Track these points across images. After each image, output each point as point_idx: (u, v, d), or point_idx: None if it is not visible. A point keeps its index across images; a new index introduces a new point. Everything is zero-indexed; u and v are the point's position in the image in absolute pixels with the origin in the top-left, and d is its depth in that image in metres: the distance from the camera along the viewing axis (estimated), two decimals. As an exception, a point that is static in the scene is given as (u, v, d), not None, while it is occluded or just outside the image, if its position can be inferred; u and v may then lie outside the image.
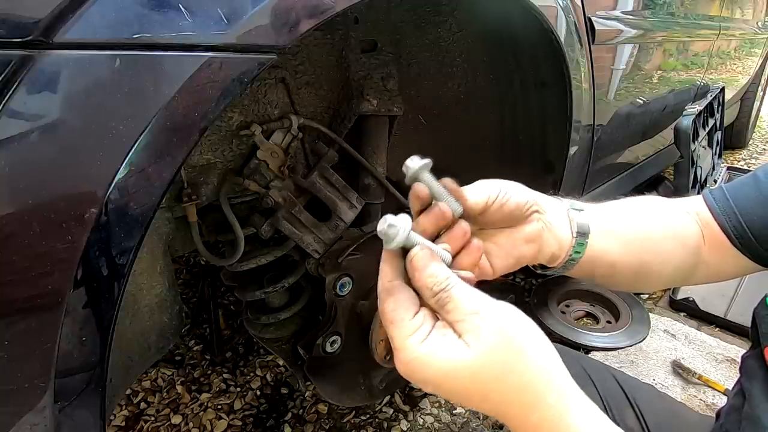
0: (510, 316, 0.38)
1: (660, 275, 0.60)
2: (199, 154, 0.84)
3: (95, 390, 0.47)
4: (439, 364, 0.36)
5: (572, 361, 0.86)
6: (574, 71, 1.02)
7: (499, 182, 0.48)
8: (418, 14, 1.03)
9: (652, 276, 0.59)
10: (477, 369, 0.36)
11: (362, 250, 1.03)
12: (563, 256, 0.53)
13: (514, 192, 0.48)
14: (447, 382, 0.37)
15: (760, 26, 2.88)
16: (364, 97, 1.00)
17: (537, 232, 0.50)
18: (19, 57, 0.37)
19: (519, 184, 0.51)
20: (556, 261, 0.54)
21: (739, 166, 3.32)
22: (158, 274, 0.77)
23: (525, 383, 0.37)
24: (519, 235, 0.50)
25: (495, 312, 0.37)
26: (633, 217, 0.59)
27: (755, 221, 0.57)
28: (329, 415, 1.41)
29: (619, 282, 0.59)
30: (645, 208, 0.61)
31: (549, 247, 0.52)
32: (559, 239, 0.52)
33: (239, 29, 0.48)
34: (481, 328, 0.36)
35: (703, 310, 1.76)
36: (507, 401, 0.37)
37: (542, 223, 0.51)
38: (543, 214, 0.51)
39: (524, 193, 0.50)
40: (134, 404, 1.45)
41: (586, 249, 0.53)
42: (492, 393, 0.37)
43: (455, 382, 0.37)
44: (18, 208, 0.38)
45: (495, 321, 0.37)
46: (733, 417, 0.60)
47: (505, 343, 0.37)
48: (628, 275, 0.58)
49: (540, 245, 0.51)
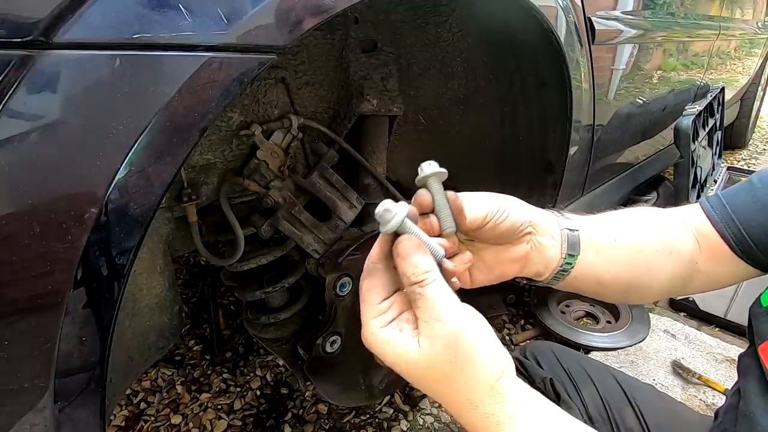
0: (468, 330, 0.39)
1: (652, 289, 0.60)
2: (199, 154, 0.84)
3: (95, 390, 0.47)
4: (391, 351, 0.40)
5: (572, 361, 0.86)
6: (574, 71, 1.02)
7: (501, 199, 0.49)
8: (418, 14, 1.03)
9: (644, 290, 0.60)
10: (421, 369, 0.39)
11: (362, 250, 1.03)
12: (548, 274, 0.54)
13: (513, 210, 0.49)
14: (396, 366, 0.40)
15: (760, 26, 2.88)
16: (364, 97, 1.00)
17: (524, 253, 0.51)
18: (19, 57, 0.37)
19: (520, 201, 0.51)
20: (541, 277, 0.55)
21: (739, 166, 3.32)
22: (158, 274, 0.77)
23: (462, 393, 0.39)
24: (505, 254, 0.51)
25: (455, 323, 0.38)
26: (625, 232, 0.59)
27: (754, 227, 0.57)
28: (329, 415, 1.41)
29: (609, 296, 0.60)
30: (638, 221, 0.61)
31: (534, 267, 0.53)
32: (546, 260, 0.53)
33: (239, 29, 0.48)
34: (436, 337, 0.38)
35: (703, 310, 1.76)
36: (447, 401, 0.41)
37: (532, 244, 0.52)
38: (535, 235, 0.52)
39: (522, 212, 0.50)
40: (134, 404, 1.45)
41: (573, 268, 0.54)
42: (433, 392, 0.41)
43: (402, 368, 0.40)
44: (18, 208, 0.38)
45: (451, 333, 0.38)
46: (731, 415, 0.60)
47: (453, 358, 0.38)
48: (617, 290, 0.59)
49: (524, 265, 0.52)
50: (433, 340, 0.38)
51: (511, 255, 0.51)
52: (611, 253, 0.56)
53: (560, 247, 0.53)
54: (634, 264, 0.58)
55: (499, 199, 0.49)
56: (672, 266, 0.59)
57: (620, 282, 0.58)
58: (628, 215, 0.62)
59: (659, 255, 0.59)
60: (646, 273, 0.58)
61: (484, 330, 0.40)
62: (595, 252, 0.55)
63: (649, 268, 0.58)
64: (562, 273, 0.54)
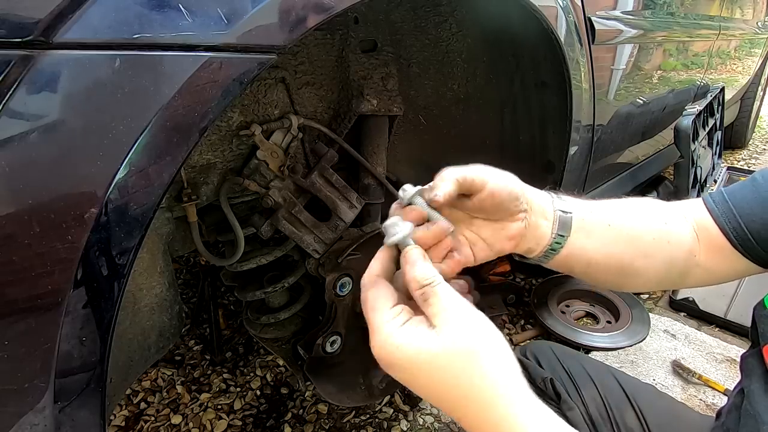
0: (479, 325, 0.41)
1: (647, 276, 0.61)
2: (199, 154, 0.84)
3: (95, 390, 0.47)
4: (410, 348, 0.40)
5: (572, 361, 0.86)
6: (574, 71, 1.02)
7: (482, 169, 0.51)
8: (418, 14, 1.03)
9: (638, 276, 0.60)
10: (443, 360, 0.39)
11: (362, 250, 1.03)
12: (539, 251, 0.56)
13: (501, 179, 0.51)
14: (414, 367, 0.40)
15: (760, 26, 2.88)
16: (364, 97, 1.00)
17: (519, 230, 0.53)
18: (19, 57, 0.37)
19: (515, 177, 0.53)
20: (533, 254, 0.57)
21: (739, 166, 3.32)
22: (158, 274, 0.77)
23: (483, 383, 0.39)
24: (503, 232, 0.53)
25: (468, 316, 0.41)
26: (621, 218, 0.60)
27: (755, 223, 0.57)
28: (329, 415, 1.41)
29: (600, 280, 0.61)
30: (637, 209, 0.62)
31: (527, 243, 0.55)
32: (537, 238, 0.55)
33: (239, 29, 0.48)
34: (453, 324, 0.40)
35: (703, 310, 1.76)
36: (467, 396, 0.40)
37: (526, 222, 0.53)
38: (530, 213, 0.54)
39: (515, 183, 0.52)
40: (134, 404, 1.45)
41: (563, 248, 0.56)
42: (453, 388, 0.40)
43: (421, 368, 0.40)
44: (18, 208, 0.38)
45: (466, 322, 0.40)
46: (734, 415, 0.60)
47: (471, 346, 0.40)
48: (609, 274, 0.60)
49: (519, 241, 0.55)
50: (451, 327, 0.40)
51: (508, 232, 0.53)
52: (604, 236, 0.58)
53: (552, 226, 0.55)
54: (628, 249, 0.58)
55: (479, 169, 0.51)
56: (669, 255, 0.60)
57: (612, 264, 0.58)
58: (627, 203, 0.63)
59: (656, 243, 0.59)
60: (641, 259, 0.59)
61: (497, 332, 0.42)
62: (587, 234, 0.57)
63: (645, 254, 0.59)
64: (551, 251, 0.56)
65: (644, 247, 0.59)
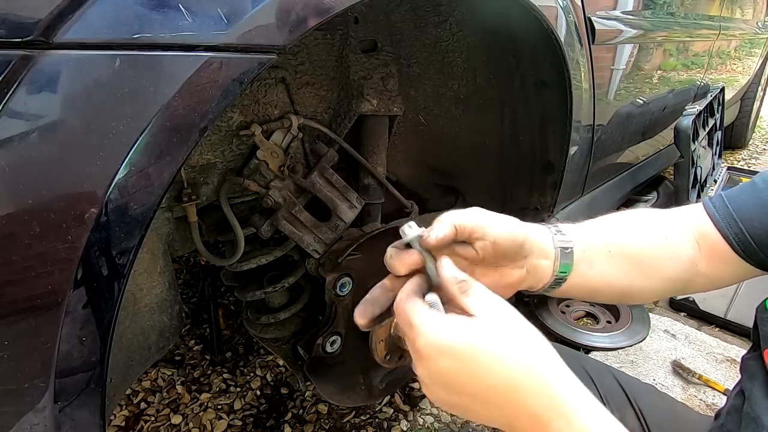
0: (516, 314, 0.43)
1: (649, 291, 0.61)
2: (199, 154, 0.84)
3: (95, 390, 0.47)
4: (457, 332, 0.40)
5: (572, 361, 0.86)
6: (574, 71, 1.02)
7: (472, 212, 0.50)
8: (418, 14, 1.03)
9: (640, 293, 0.61)
10: (488, 344, 0.40)
11: (362, 250, 1.03)
12: (540, 287, 0.56)
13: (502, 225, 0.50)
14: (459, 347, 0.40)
15: (760, 26, 2.88)
16: (364, 97, 1.00)
17: (521, 277, 0.53)
18: (19, 57, 0.37)
19: (514, 219, 0.52)
20: (534, 289, 0.57)
21: (739, 166, 3.31)
22: (158, 274, 0.77)
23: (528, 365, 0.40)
24: (504, 280, 0.53)
25: (505, 304, 0.43)
26: (622, 241, 0.59)
27: (756, 227, 0.57)
28: (329, 415, 1.41)
29: (603, 300, 0.62)
30: (637, 227, 0.62)
31: (527, 283, 0.55)
32: (539, 278, 0.55)
33: (239, 29, 0.48)
34: (493, 311, 0.41)
35: (703, 310, 1.76)
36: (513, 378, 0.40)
37: (526, 268, 0.53)
38: (531, 257, 0.53)
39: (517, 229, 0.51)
40: (134, 404, 1.45)
41: (565, 282, 0.56)
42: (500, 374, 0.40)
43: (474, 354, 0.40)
44: (18, 208, 0.38)
45: (505, 310, 0.42)
46: (734, 417, 0.60)
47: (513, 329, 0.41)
48: (612, 296, 0.60)
49: (519, 286, 0.55)
50: (492, 312, 0.41)
51: (510, 280, 0.53)
52: (605, 264, 0.58)
53: (553, 265, 0.55)
54: (630, 272, 0.58)
55: (479, 216, 0.50)
56: (671, 271, 0.60)
57: (615, 289, 0.59)
58: (627, 221, 0.62)
59: (657, 261, 0.59)
60: (642, 279, 0.59)
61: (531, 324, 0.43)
62: (588, 265, 0.57)
63: (647, 275, 0.59)
64: (552, 288, 0.56)
65: (646, 269, 0.59)
